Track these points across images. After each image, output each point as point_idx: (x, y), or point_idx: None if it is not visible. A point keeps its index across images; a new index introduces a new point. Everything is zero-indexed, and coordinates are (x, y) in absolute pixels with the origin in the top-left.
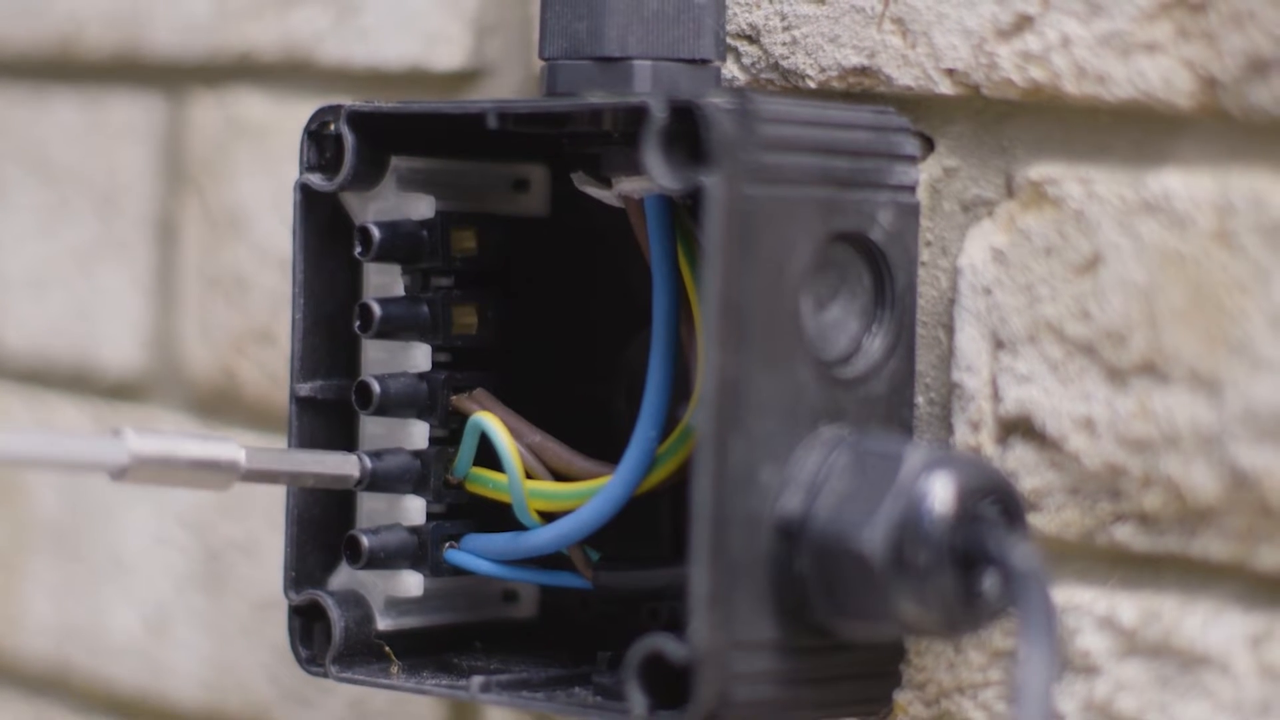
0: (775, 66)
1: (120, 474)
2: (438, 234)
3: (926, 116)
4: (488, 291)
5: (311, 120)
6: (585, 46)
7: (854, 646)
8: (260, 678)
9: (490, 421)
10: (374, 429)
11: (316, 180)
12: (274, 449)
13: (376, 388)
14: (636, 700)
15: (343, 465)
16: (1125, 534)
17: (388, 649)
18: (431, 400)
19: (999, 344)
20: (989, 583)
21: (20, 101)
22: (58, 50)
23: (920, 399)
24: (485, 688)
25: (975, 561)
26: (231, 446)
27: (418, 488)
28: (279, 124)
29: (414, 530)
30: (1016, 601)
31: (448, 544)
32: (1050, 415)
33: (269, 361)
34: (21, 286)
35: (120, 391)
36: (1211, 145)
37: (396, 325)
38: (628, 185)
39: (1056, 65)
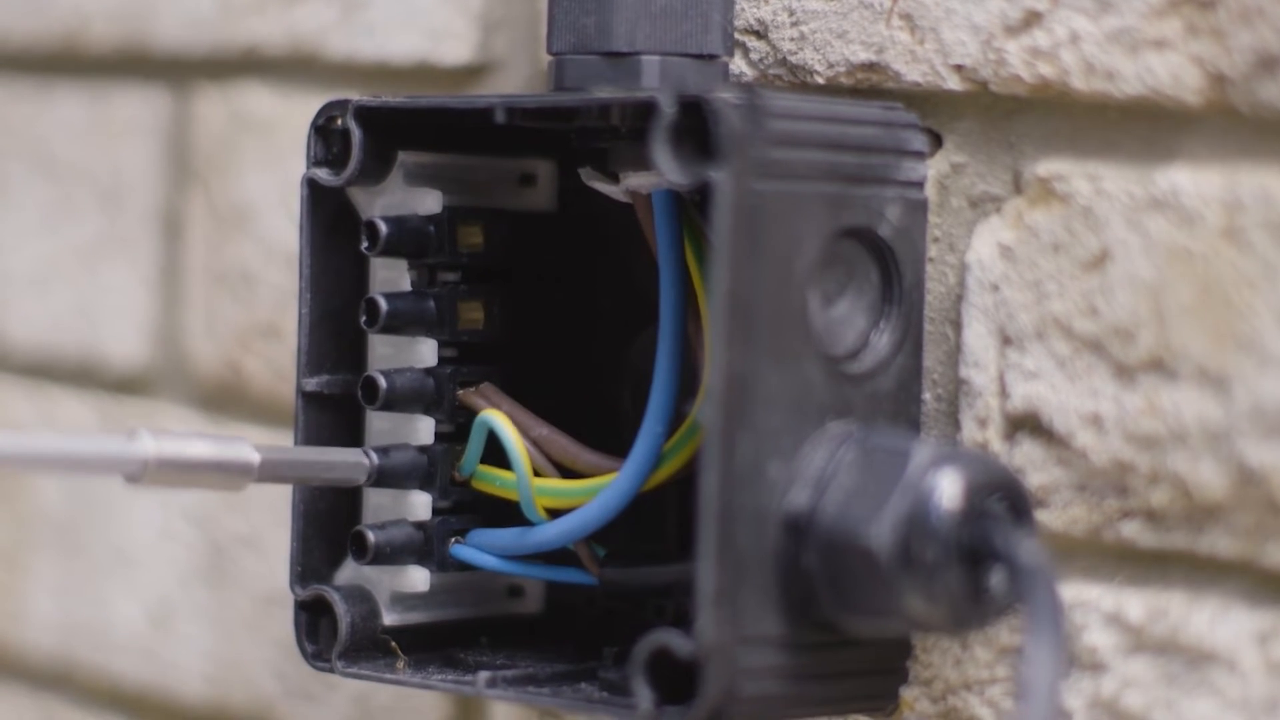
0: (783, 62)
1: (136, 477)
2: (444, 229)
3: (935, 112)
4: (494, 287)
5: (318, 115)
6: (593, 41)
7: (861, 642)
8: (265, 673)
9: (498, 419)
10: (380, 424)
11: (323, 175)
12: (286, 448)
13: (383, 383)
14: (643, 695)
15: (354, 463)
16: (1132, 530)
17: (394, 644)
18: (438, 395)
19: (1006, 340)
20: (996, 579)
21: (24, 97)
22: (62, 45)
23: (928, 395)
24: (491, 683)
25: (982, 558)
26: (246, 448)
27: (424, 484)
28: (285, 119)
29: (420, 526)
30: (1023, 598)
31: (454, 539)
32: (1058, 412)
33: (275, 357)
34: (26, 282)
35: (125, 386)
36: (1220, 142)
37: (403, 320)
38: (635, 180)
39: (1065, 62)
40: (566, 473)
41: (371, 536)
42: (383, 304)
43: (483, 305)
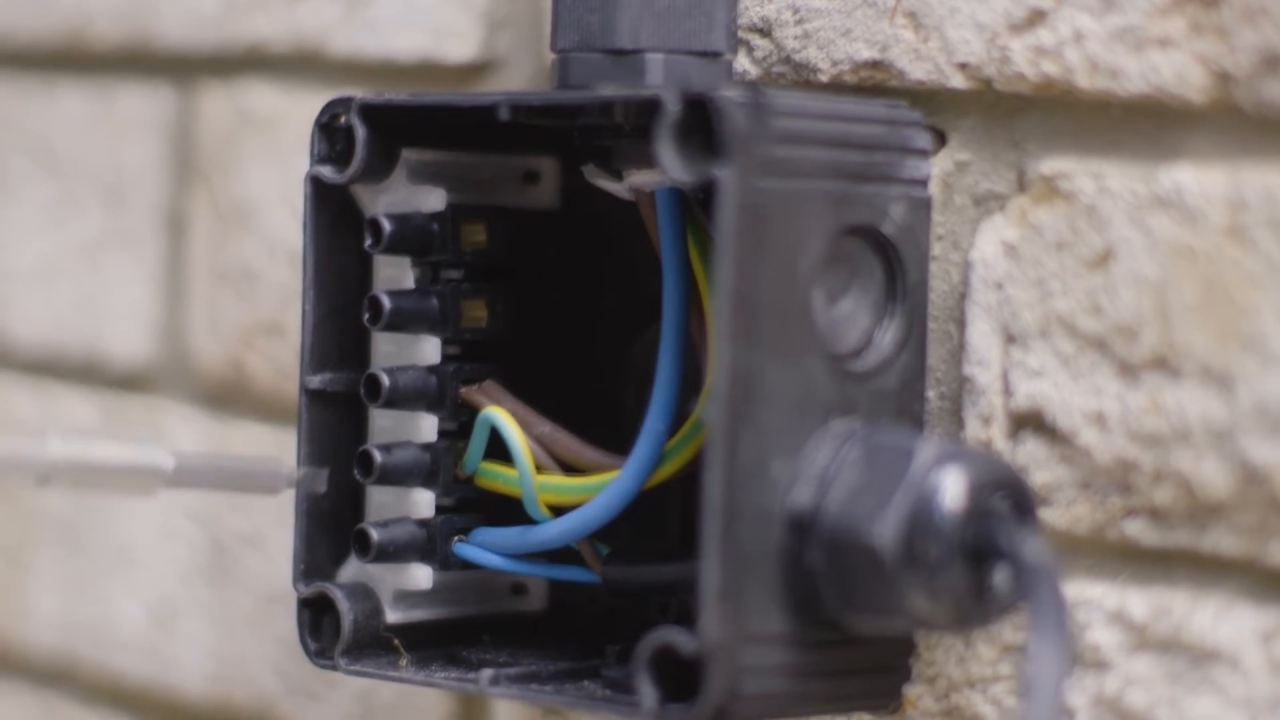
0: (787, 60)
1: (45, 480)
2: (448, 227)
3: (939, 110)
4: (497, 285)
5: (322, 113)
6: (597, 39)
7: (864, 641)
8: (267, 671)
9: (500, 416)
10: (383, 421)
11: (327, 173)
12: (203, 454)
13: (385, 381)
14: (647, 693)
15: (272, 472)
16: (1136, 529)
17: (396, 642)
18: (440, 393)
19: (1010, 338)
20: (999, 577)
21: (28, 93)
22: (66, 42)
23: (931, 393)
24: (494, 681)
25: (986, 556)
26: (159, 452)
27: (427, 481)
28: (289, 116)
29: (423, 524)
30: (1027, 596)
31: (456, 538)
32: (1061, 410)
33: (278, 354)
34: (29, 278)
35: (128, 384)
36: (1224, 140)
37: (406, 318)
38: (639, 178)
39: (1069, 60)
40: (570, 470)
41: (374, 534)
42: (386, 302)
43: (486, 303)
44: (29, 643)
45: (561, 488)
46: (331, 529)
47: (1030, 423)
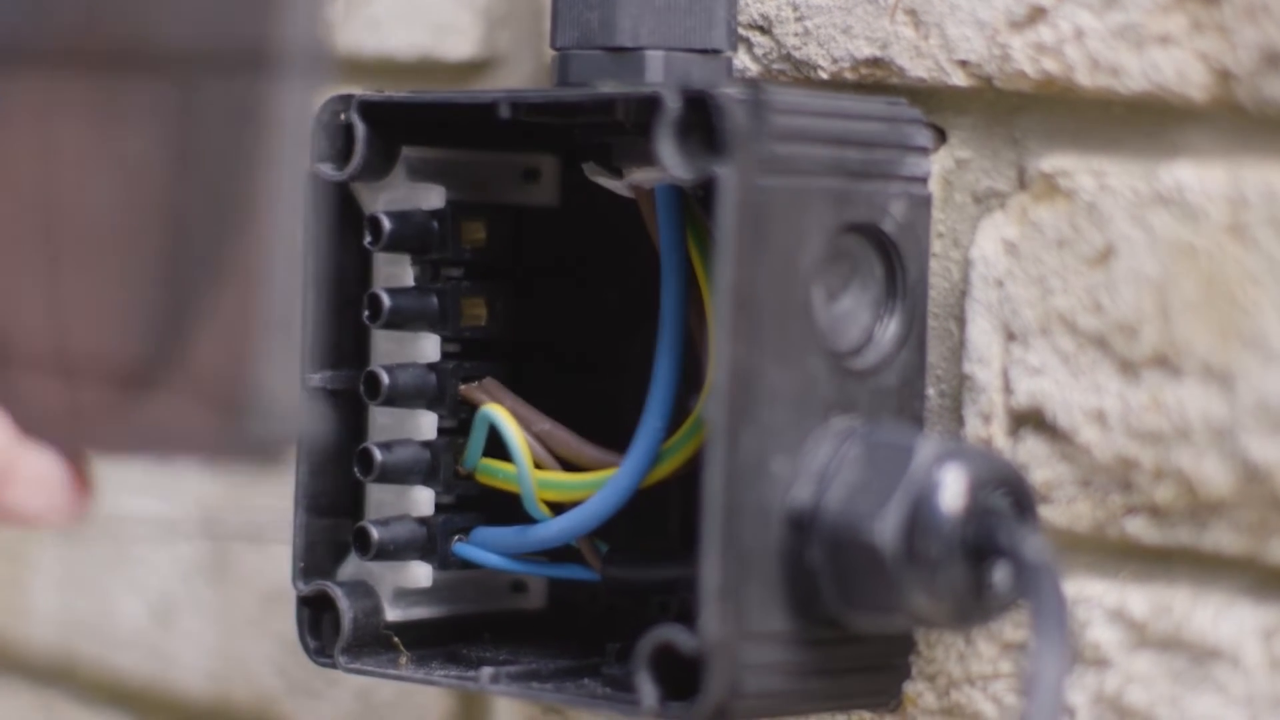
0: (787, 57)
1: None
2: (448, 224)
3: (939, 108)
4: (497, 283)
5: (322, 110)
6: (597, 36)
7: (864, 638)
8: (267, 669)
9: (499, 414)
10: (383, 419)
11: (327, 170)
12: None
13: (385, 378)
14: (647, 691)
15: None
16: (1136, 526)
17: (396, 640)
18: (440, 391)
19: (1010, 336)
20: (1000, 575)
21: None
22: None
23: (931, 391)
24: (495, 679)
25: (986, 553)
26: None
27: (427, 479)
28: None
29: (423, 522)
30: (1027, 594)
31: (456, 537)
32: (1061, 407)
33: None
34: None
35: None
36: (1224, 138)
37: (406, 316)
38: (639, 175)
39: (1070, 57)
40: (569, 468)
41: (375, 532)
42: (386, 300)
43: (485, 301)
44: (29, 641)
45: (560, 485)
46: (331, 528)
47: (1030, 420)
